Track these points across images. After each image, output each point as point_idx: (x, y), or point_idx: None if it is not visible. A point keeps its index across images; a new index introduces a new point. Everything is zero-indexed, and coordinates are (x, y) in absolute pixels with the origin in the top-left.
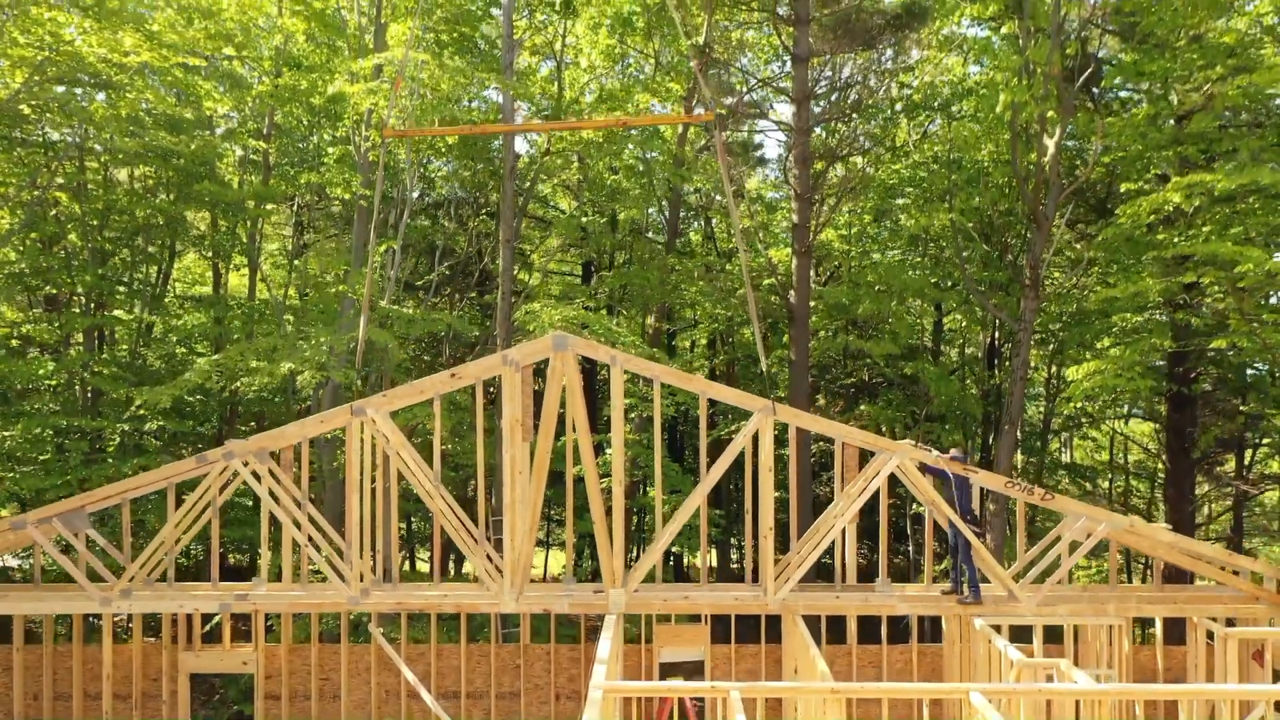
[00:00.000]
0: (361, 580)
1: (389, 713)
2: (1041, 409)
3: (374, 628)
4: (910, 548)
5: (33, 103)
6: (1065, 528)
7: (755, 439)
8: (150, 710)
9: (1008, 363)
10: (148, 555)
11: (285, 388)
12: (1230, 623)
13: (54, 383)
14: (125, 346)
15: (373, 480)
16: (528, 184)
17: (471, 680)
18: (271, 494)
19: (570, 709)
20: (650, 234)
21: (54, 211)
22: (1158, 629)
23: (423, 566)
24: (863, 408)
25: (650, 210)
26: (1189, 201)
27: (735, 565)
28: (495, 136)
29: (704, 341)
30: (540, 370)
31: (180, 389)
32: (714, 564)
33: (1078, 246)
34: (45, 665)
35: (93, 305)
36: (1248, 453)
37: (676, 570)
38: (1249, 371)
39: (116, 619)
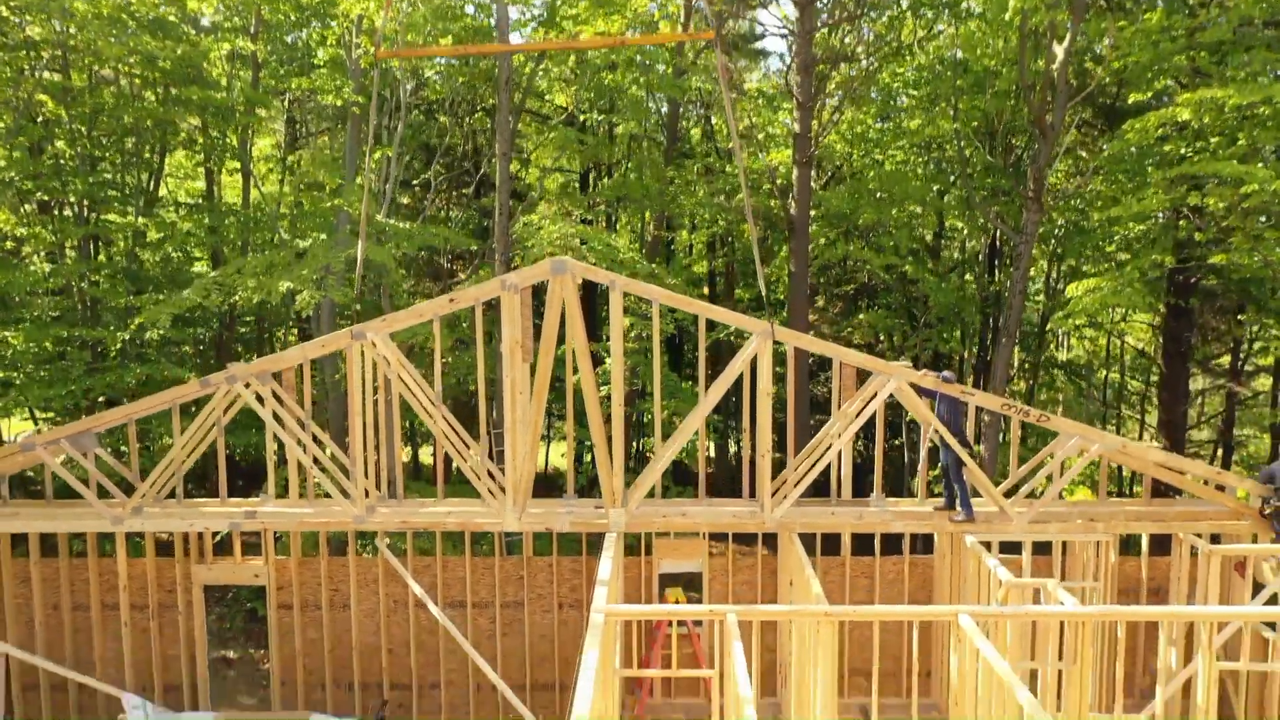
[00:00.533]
0: (367, 496)
1: (397, 621)
2: (1040, 305)
3: (381, 543)
4: (905, 457)
5: (11, 4)
6: (1058, 445)
7: (754, 362)
8: (167, 619)
9: (1008, 264)
10: (156, 475)
11: (284, 302)
12: (1215, 539)
13: (52, 285)
14: (121, 247)
15: (375, 396)
16: (523, 88)
17: (476, 591)
18: (275, 415)
19: (573, 617)
20: (649, 139)
21: (40, 117)
22: (1144, 542)
23: (426, 459)
24: (861, 316)
25: (649, 108)
26: (1198, 118)
27: (733, 459)
28: (489, 37)
29: (702, 244)
30: (540, 290)
31: (179, 307)
32: (712, 454)
33: (1084, 155)
34: (63, 578)
35: (86, 211)
36: (1243, 348)
37: (676, 472)
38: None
39: (129, 534)
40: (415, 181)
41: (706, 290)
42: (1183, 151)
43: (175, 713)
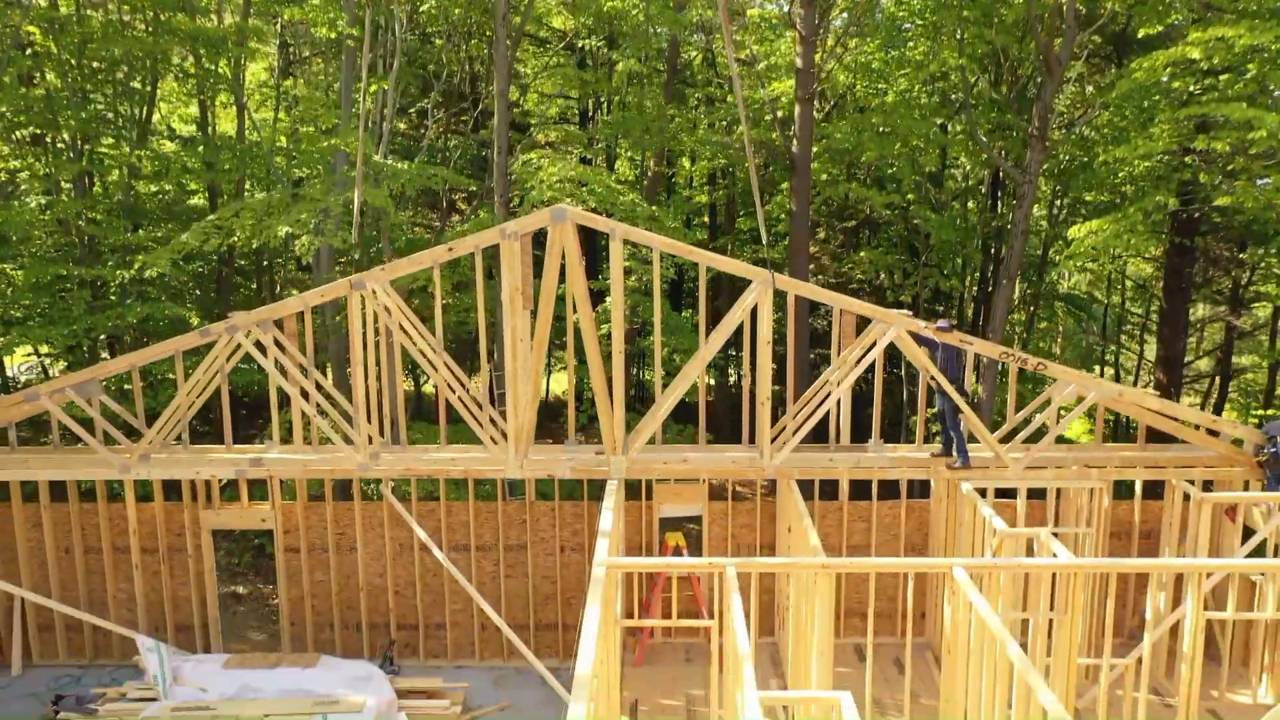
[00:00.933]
0: (370, 443)
1: (403, 564)
2: (1043, 233)
3: (385, 489)
4: (905, 393)
5: None
6: (1055, 391)
7: (755, 310)
8: (177, 561)
9: (1011, 197)
10: (162, 423)
11: (284, 243)
12: (1207, 485)
13: (48, 219)
14: (116, 179)
15: (377, 339)
16: (521, 12)
17: (480, 535)
18: (277, 363)
19: (575, 559)
20: (650, 72)
21: (29, 50)
22: (1137, 487)
23: (429, 390)
24: (863, 253)
25: (650, 35)
26: (1207, 59)
27: (733, 387)
28: None
29: (702, 177)
30: (541, 234)
31: (177, 250)
32: (711, 381)
33: (1090, 89)
34: (74, 522)
35: (80, 145)
36: (1243, 278)
37: (676, 409)
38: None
39: (137, 480)
40: (412, 109)
41: (707, 219)
42: (1191, 88)
43: (188, 654)
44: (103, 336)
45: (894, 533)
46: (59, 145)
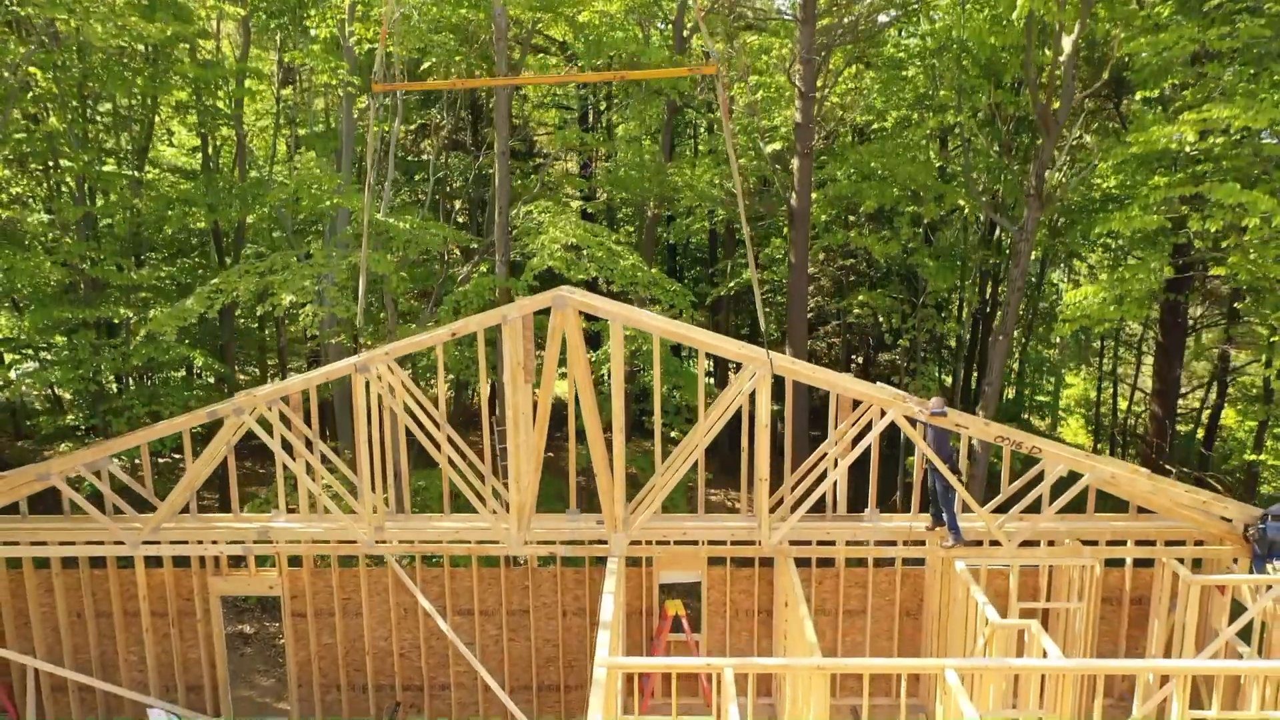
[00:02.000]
0: (375, 512)
1: (407, 627)
2: (1039, 250)
3: (390, 560)
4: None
5: None
6: (1048, 467)
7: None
8: (187, 624)
9: (1007, 248)
10: (172, 500)
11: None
12: (1197, 563)
13: (54, 261)
14: (118, 217)
15: (382, 417)
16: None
17: (484, 600)
18: (284, 441)
19: (576, 623)
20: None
21: (30, 94)
22: (1128, 560)
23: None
24: (861, 296)
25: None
26: (1202, 141)
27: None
28: (485, 30)
29: (703, 228)
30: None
31: (182, 318)
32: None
33: (1087, 145)
34: (84, 587)
35: (85, 187)
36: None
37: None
38: None
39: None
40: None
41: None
42: (1188, 148)
43: (199, 717)
44: (109, 376)
45: (889, 597)
46: (63, 190)
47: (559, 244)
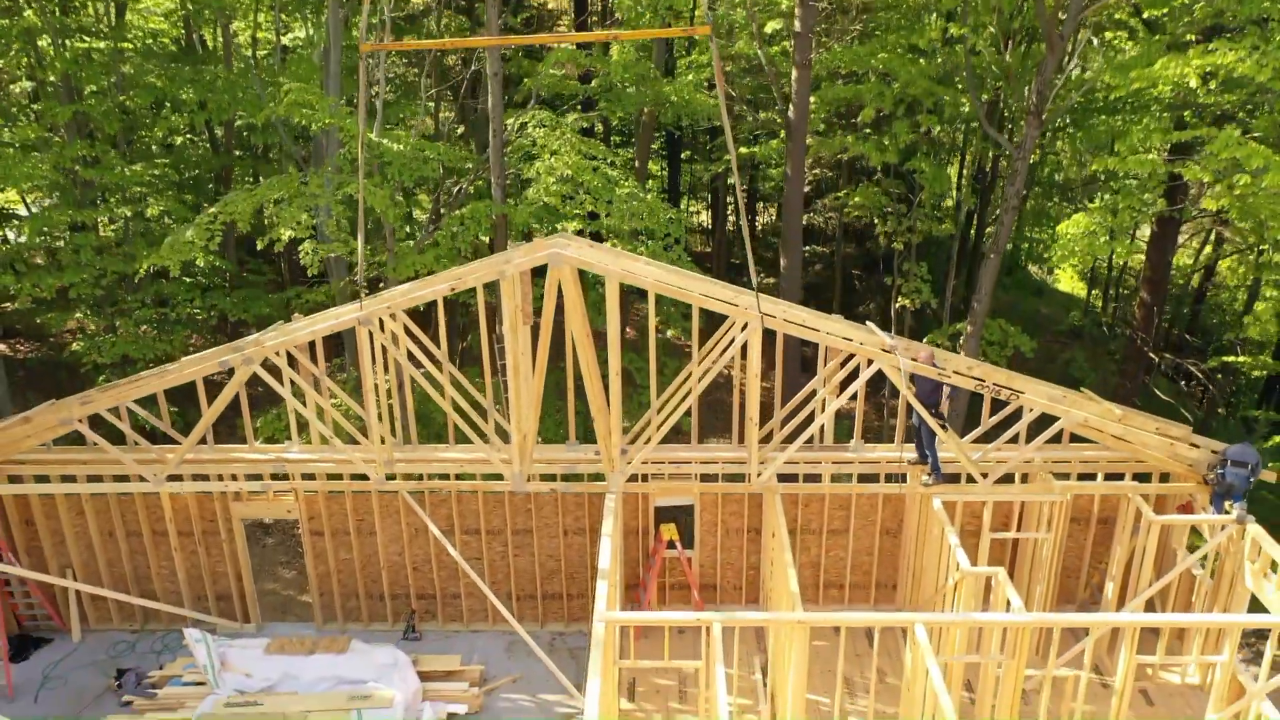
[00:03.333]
0: (383, 443)
1: (419, 544)
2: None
3: (401, 490)
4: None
5: None
6: (1026, 407)
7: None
8: (213, 543)
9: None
10: (190, 441)
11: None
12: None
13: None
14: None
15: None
16: None
17: (490, 520)
18: (293, 384)
19: (577, 541)
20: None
21: None
22: (1096, 493)
23: None
24: (857, 198)
25: None
26: (1204, 87)
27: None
28: None
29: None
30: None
31: (184, 253)
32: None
33: (1086, 75)
34: (113, 510)
35: (71, 85)
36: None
37: None
38: None
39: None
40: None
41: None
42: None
43: (231, 639)
44: (115, 276)
45: (871, 519)
46: (49, 89)
47: (554, 175)
